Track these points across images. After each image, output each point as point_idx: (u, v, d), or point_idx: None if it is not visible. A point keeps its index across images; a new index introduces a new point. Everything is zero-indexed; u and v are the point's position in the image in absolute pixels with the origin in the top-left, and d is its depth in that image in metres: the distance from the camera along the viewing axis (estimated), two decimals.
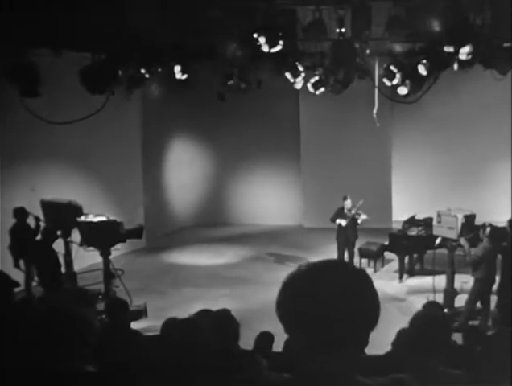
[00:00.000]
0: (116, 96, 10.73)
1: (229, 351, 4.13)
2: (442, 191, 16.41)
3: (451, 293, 10.55)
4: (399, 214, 16.14)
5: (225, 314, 4.47)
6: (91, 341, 3.28)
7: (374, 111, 12.30)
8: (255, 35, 8.70)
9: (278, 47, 8.92)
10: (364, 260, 13.41)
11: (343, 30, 9.06)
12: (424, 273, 12.66)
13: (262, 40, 8.71)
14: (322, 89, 14.14)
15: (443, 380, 3.13)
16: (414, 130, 17.12)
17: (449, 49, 8.84)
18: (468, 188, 16.37)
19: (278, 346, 6.17)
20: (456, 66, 10.40)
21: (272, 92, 15.91)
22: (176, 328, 3.08)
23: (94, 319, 3.29)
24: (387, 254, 13.44)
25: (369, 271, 13.13)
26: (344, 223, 12.36)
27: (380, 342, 3.73)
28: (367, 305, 1.79)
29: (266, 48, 8.79)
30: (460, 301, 10.29)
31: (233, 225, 17.97)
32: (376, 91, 12.28)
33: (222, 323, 4.19)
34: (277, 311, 1.90)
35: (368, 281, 1.83)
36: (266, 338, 6.52)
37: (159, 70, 10.84)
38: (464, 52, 8.96)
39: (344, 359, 1.80)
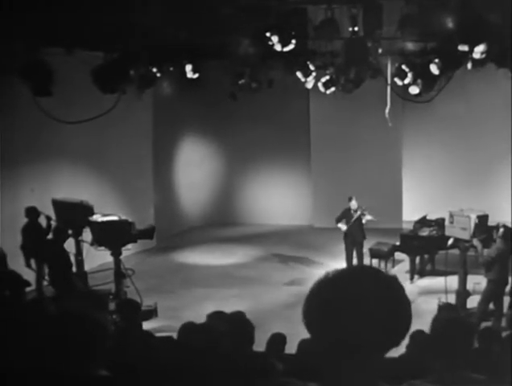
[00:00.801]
0: (127, 95, 10.71)
1: (244, 355, 4.08)
2: (453, 191, 16.29)
3: (463, 294, 10.46)
4: (409, 214, 16.05)
5: (239, 316, 4.42)
6: (105, 345, 3.24)
7: (387, 110, 12.21)
8: (268, 34, 8.63)
9: (291, 46, 8.86)
10: (374, 261, 13.32)
11: (356, 28, 8.98)
12: (435, 273, 12.58)
13: (274, 39, 8.65)
14: (333, 89, 14.10)
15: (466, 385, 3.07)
16: (425, 130, 17.01)
17: (463, 48, 8.74)
18: (480, 188, 16.25)
19: (289, 347, 6.13)
20: (469, 65, 10.29)
21: (283, 92, 15.86)
22: (194, 334, 3.03)
23: (108, 323, 3.24)
24: (397, 254, 13.34)
25: None
26: (344, 228, 12.37)
27: None
28: (398, 315, 1.73)
29: (278, 47, 8.73)
30: (473, 302, 10.20)
31: (242, 225, 17.92)
32: (388, 90, 12.19)
33: (237, 327, 4.14)
34: (304, 319, 1.85)
35: (400, 289, 1.77)
36: (278, 340, 6.46)
37: (171, 69, 10.81)
38: (479, 51, 8.86)
39: (370, 368, 1.76)
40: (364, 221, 12.44)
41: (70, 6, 7.62)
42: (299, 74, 13.04)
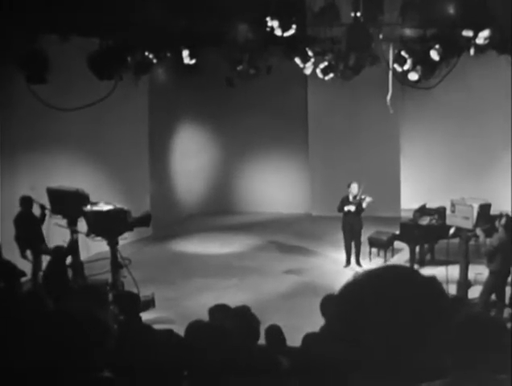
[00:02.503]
0: (123, 82, 10.52)
1: (250, 351, 3.93)
2: (452, 180, 16.16)
3: (464, 284, 10.34)
4: (408, 202, 15.93)
5: (244, 311, 4.27)
6: (107, 346, 3.10)
7: (388, 97, 12.03)
8: (268, 19, 8.45)
9: (291, 31, 8.69)
10: (374, 250, 13.21)
11: (358, 14, 8.80)
12: (435, 263, 12.46)
13: (275, 24, 8.48)
14: (331, 75, 13.96)
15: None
16: (424, 117, 16.84)
17: (468, 33, 8.58)
18: (479, 176, 16.11)
19: (290, 338, 5.98)
20: (472, 51, 10.13)
21: (281, 79, 15.69)
22: (202, 334, 2.89)
23: (111, 322, 3.09)
24: (397, 243, 13.21)
25: (380, 261, 12.96)
26: (352, 208, 12.18)
27: None
28: (438, 318, 1.58)
29: (278, 32, 8.57)
30: (474, 292, 10.08)
31: (240, 213, 17.77)
32: (390, 77, 12.02)
33: (243, 322, 3.99)
34: (332, 325, 1.70)
35: (440, 290, 1.62)
36: (274, 332, 6.29)
37: (168, 55, 10.61)
38: (483, 36, 8.72)
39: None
40: (364, 205, 12.30)
41: None
42: (297, 60, 12.90)
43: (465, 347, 3.24)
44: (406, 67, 12.94)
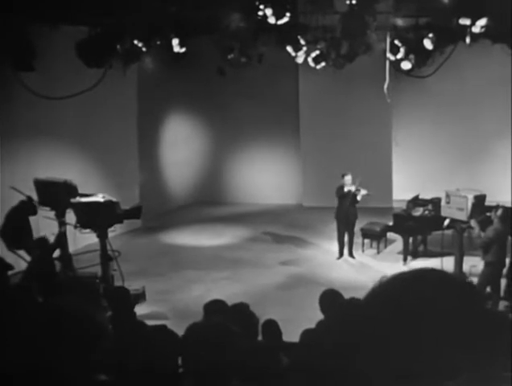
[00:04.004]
0: (111, 71, 10.30)
1: (250, 349, 3.78)
2: (445, 170, 16.07)
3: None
4: (400, 193, 15.83)
5: (243, 309, 4.11)
6: (103, 347, 2.92)
7: (385, 86, 11.86)
8: (261, 7, 8.26)
9: (285, 19, 8.52)
10: (366, 241, 13.10)
11: (353, 1, 8.63)
12: (428, 254, 12.38)
13: (268, 12, 8.30)
14: (323, 64, 13.84)
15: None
16: (417, 106, 16.68)
17: (465, 21, 8.45)
18: (472, 167, 16.03)
19: (285, 331, 5.84)
20: (468, 39, 9.99)
21: (271, 68, 15.51)
22: (204, 335, 2.73)
23: (106, 322, 2.91)
24: (389, 234, 13.09)
25: (372, 252, 12.86)
26: (353, 188, 11.93)
27: None
28: (475, 328, 1.43)
29: (272, 20, 8.39)
30: None
31: (231, 204, 17.58)
32: (387, 65, 11.87)
33: (242, 320, 3.83)
34: (353, 338, 1.54)
35: (476, 296, 1.47)
36: (271, 327, 6.14)
37: (158, 43, 10.40)
38: (480, 25, 8.59)
39: None
40: (359, 198, 12.13)
41: None
42: (289, 49, 12.75)
43: (483, 347, 3.10)
44: (399, 56, 12.84)
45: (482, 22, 8.56)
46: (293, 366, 4.23)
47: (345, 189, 12.11)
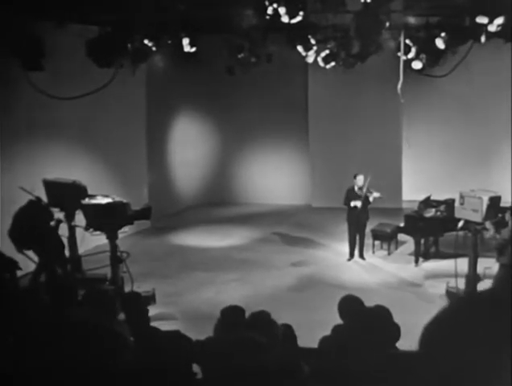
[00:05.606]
0: (121, 70, 10.19)
1: (272, 356, 3.66)
2: (456, 171, 15.93)
3: (473, 278, 10.09)
4: (409, 194, 15.70)
5: (265, 317, 3.98)
6: (125, 359, 2.81)
7: (399, 86, 11.70)
8: (274, 5, 8.13)
9: (299, 18, 8.39)
10: (377, 242, 12.96)
11: (368, 0, 8.49)
12: (440, 256, 12.22)
13: (281, 11, 8.16)
14: (332, 63, 13.71)
15: None
16: (428, 106, 16.53)
17: (482, 20, 8.30)
18: (483, 167, 15.88)
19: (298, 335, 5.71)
20: (483, 39, 9.84)
21: (281, 67, 15.41)
22: (233, 350, 2.62)
23: (128, 334, 2.81)
24: (400, 236, 12.94)
25: (383, 253, 12.72)
26: (359, 204, 11.84)
27: None
28: None
29: (285, 19, 8.25)
30: (483, 287, 9.85)
31: (239, 205, 17.48)
32: (401, 64, 11.72)
33: (264, 329, 3.71)
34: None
35: None
36: (287, 333, 6.02)
37: (169, 42, 10.29)
38: (497, 23, 8.46)
39: None
40: (371, 199, 11.98)
41: None
42: (299, 48, 12.63)
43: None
44: (410, 55, 12.70)
45: (500, 20, 8.42)
46: (314, 375, 4.12)
47: (356, 190, 11.96)
